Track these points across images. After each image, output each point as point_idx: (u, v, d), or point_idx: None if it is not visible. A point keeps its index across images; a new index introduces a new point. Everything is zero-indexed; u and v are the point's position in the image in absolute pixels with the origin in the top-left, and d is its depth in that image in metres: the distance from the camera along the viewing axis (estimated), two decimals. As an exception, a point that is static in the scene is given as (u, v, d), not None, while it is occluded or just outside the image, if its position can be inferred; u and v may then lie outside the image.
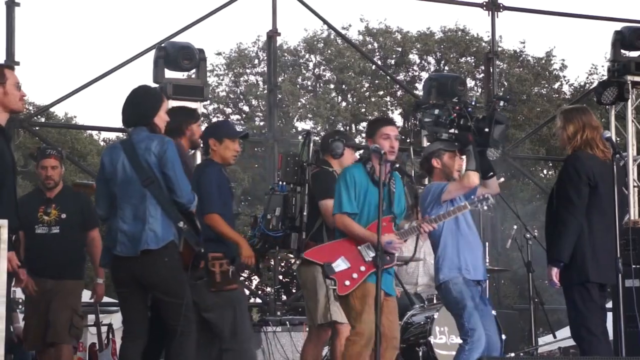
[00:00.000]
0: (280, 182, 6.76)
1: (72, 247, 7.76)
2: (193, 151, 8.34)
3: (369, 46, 30.45)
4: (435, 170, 6.76)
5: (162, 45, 10.45)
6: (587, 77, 29.75)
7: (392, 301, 6.34)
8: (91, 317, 9.21)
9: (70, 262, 7.75)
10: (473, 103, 6.68)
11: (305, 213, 6.56)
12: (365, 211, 6.23)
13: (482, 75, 28.14)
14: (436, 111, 6.60)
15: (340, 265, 6.15)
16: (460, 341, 6.63)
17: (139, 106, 6.04)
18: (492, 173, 6.64)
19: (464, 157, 6.69)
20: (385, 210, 6.21)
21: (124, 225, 5.88)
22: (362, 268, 6.17)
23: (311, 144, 6.87)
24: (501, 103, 6.66)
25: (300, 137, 7.32)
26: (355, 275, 6.15)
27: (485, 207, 6.50)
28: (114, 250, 5.94)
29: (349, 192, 6.22)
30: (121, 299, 6.11)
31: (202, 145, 6.74)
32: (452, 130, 6.56)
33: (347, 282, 6.14)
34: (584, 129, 6.35)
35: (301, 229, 6.55)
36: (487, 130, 6.52)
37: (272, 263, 11.78)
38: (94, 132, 30.85)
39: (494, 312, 8.18)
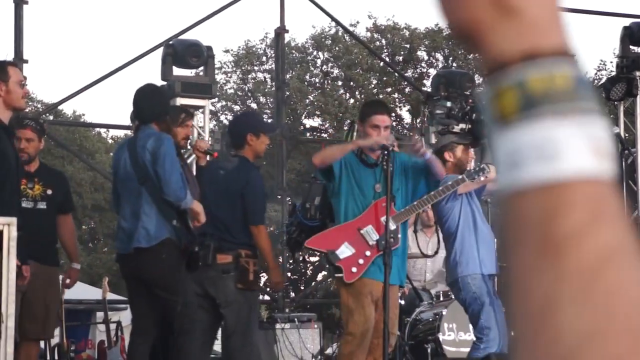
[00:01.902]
0: None
1: (55, 227, 7.14)
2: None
3: (377, 43, 30.43)
4: (448, 163, 6.67)
5: (170, 42, 10.46)
6: (596, 73, 29.71)
7: (392, 292, 6.14)
8: (100, 315, 9.23)
9: (53, 243, 7.16)
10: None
11: None
12: (356, 191, 6.09)
13: (490, 71, 28.05)
14: (448, 103, 6.60)
15: (344, 251, 6.00)
16: (469, 338, 6.62)
17: (156, 103, 6.09)
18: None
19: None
20: (381, 192, 6.09)
21: (124, 222, 6.01)
22: (368, 253, 6.04)
23: (355, 134, 6.80)
24: None
25: (344, 128, 7.22)
26: (361, 261, 6.02)
27: (482, 178, 6.32)
28: (116, 247, 6.04)
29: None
30: (128, 295, 6.19)
31: (232, 139, 6.65)
32: (464, 124, 6.56)
33: (354, 269, 6.00)
34: None
35: None
36: None
37: (281, 260, 11.79)
38: (102, 130, 30.94)
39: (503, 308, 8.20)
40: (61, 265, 7.79)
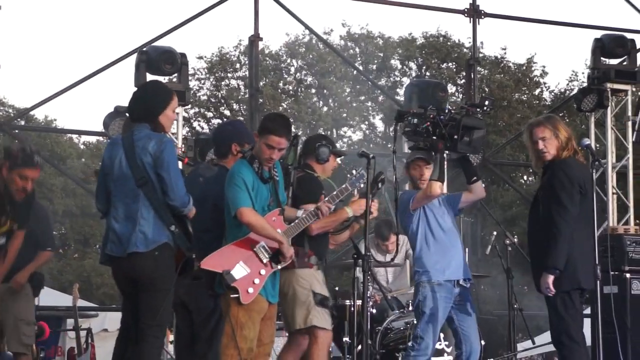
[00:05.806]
0: None
1: None
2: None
3: (351, 51, 30.52)
4: (412, 178, 7.05)
5: (144, 49, 10.44)
6: (568, 84, 29.94)
7: (273, 307, 6.21)
8: (70, 322, 9.16)
9: None
10: (447, 110, 6.69)
11: None
12: (256, 208, 6.05)
13: (463, 81, 28.23)
14: (415, 120, 6.66)
15: (239, 271, 5.95)
16: (439, 347, 6.75)
17: (145, 102, 5.90)
18: (475, 178, 6.78)
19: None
20: (273, 205, 6.12)
21: (116, 224, 5.76)
22: (262, 271, 6.01)
23: (298, 148, 6.79)
24: (478, 109, 6.70)
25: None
26: (257, 281, 5.99)
27: (362, 185, 6.45)
28: (105, 248, 5.84)
29: (244, 190, 6.01)
30: (122, 299, 6.00)
31: (216, 148, 6.63)
32: (428, 140, 6.65)
33: (251, 290, 5.96)
34: (570, 135, 6.38)
35: None
36: (455, 137, 6.57)
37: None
38: (74, 136, 30.80)
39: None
40: None
